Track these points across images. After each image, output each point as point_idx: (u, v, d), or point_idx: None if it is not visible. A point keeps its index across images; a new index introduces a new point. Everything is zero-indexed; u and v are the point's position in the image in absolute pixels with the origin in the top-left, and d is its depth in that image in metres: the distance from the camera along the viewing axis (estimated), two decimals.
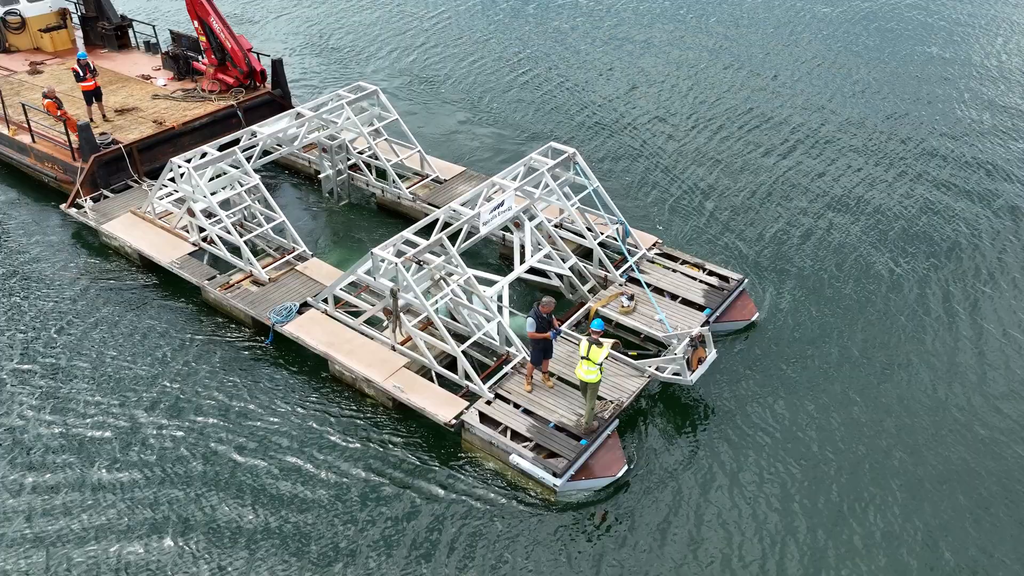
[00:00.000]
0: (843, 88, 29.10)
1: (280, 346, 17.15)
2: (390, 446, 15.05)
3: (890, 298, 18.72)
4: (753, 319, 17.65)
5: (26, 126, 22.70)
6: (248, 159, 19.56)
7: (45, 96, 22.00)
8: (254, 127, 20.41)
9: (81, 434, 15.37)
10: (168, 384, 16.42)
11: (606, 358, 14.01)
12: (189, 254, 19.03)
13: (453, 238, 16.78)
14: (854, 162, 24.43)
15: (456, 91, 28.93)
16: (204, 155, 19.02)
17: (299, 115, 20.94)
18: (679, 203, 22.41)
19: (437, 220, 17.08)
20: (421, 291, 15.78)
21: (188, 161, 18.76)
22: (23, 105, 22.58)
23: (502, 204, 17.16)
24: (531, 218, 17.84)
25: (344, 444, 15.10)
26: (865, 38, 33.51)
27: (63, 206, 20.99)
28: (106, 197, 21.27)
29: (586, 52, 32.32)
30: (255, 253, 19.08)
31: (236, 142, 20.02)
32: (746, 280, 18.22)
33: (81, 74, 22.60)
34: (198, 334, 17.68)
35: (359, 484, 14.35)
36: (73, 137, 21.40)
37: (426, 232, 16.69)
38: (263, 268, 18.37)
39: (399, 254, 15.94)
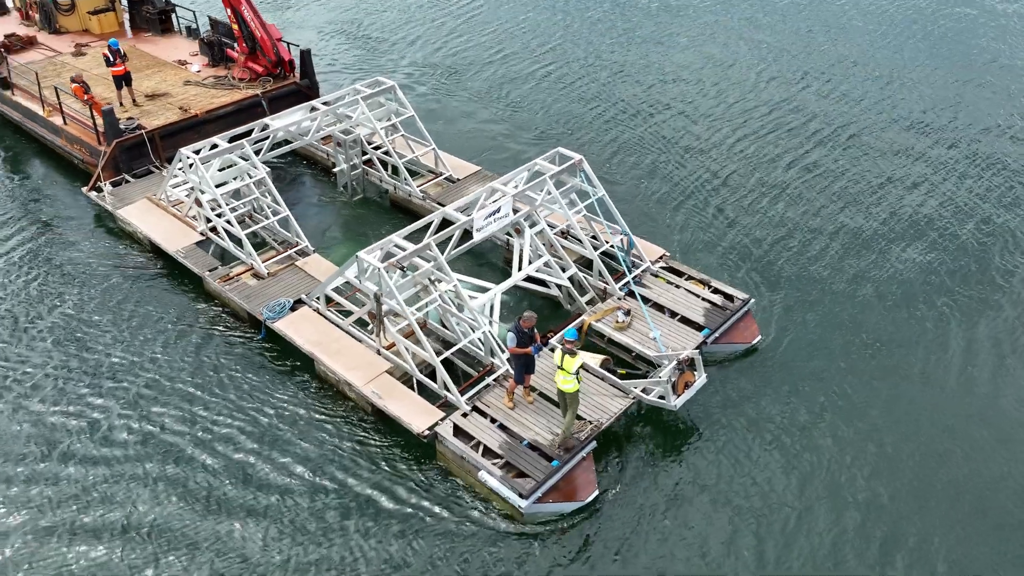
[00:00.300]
0: (871, 92, 26.98)
1: (272, 342, 16.40)
2: (359, 452, 14.17)
3: (887, 317, 17.16)
4: (754, 343, 16.17)
5: (59, 108, 22.36)
6: (258, 151, 18.82)
7: (73, 80, 21.56)
8: (266, 119, 19.62)
9: (45, 419, 14.77)
10: (147, 374, 15.72)
11: (581, 367, 12.99)
12: (196, 243, 18.40)
13: (449, 241, 15.81)
14: (874, 169, 22.52)
15: (482, 85, 27.62)
16: (214, 146, 18.34)
17: (314, 108, 20.10)
18: (693, 209, 20.91)
19: (432, 223, 16.11)
20: (408, 296, 14.88)
21: (197, 152, 18.10)
22: (56, 88, 22.19)
23: (498, 211, 16.09)
24: (532, 225, 16.73)
25: (310, 447, 14.24)
26: (905, 39, 31.15)
27: (84, 189, 20.59)
28: (127, 182, 20.79)
29: (614, 47, 30.66)
30: (261, 246, 18.41)
31: (248, 133, 19.27)
32: (752, 300, 16.67)
33: (111, 59, 22.10)
34: (193, 324, 17.02)
35: (314, 489, 13.49)
36: (99, 121, 20.95)
37: (424, 234, 15.68)
38: (265, 262, 17.66)
39: (388, 256, 15.01)
